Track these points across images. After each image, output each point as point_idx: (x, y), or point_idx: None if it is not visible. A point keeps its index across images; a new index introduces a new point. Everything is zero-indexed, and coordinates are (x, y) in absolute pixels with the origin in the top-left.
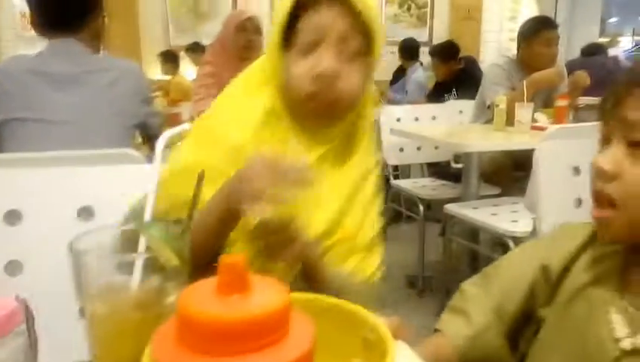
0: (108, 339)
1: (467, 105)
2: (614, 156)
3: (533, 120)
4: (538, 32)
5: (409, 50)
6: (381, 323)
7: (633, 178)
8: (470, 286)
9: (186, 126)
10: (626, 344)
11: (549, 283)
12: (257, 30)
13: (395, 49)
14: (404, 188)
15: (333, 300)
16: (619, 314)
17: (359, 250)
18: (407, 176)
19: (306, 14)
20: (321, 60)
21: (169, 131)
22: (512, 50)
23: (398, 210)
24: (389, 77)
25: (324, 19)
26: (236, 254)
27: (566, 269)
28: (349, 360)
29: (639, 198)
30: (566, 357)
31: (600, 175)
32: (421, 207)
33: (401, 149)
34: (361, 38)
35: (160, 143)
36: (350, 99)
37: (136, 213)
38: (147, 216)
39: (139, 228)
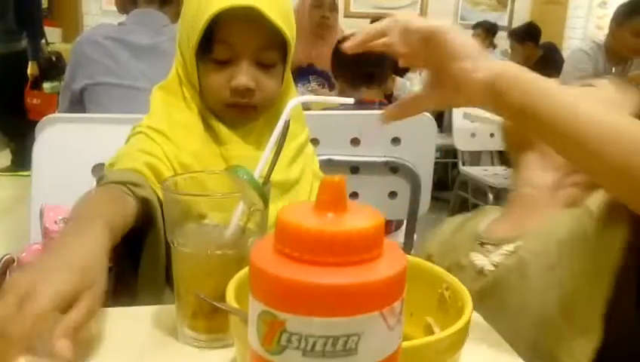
0: (191, 276)
1: None
2: None
3: None
4: (630, 18)
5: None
6: (457, 281)
7: None
8: None
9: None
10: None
11: None
12: (333, 7)
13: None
14: (475, 175)
15: (410, 258)
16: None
17: None
18: (477, 164)
19: (222, 29)
20: (237, 74)
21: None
22: (600, 38)
23: (465, 197)
24: None
25: (239, 37)
26: (336, 176)
27: None
28: (424, 318)
29: None
30: None
31: None
32: (490, 196)
33: (473, 135)
34: (277, 49)
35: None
36: (266, 104)
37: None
38: (256, 173)
39: (228, 170)
